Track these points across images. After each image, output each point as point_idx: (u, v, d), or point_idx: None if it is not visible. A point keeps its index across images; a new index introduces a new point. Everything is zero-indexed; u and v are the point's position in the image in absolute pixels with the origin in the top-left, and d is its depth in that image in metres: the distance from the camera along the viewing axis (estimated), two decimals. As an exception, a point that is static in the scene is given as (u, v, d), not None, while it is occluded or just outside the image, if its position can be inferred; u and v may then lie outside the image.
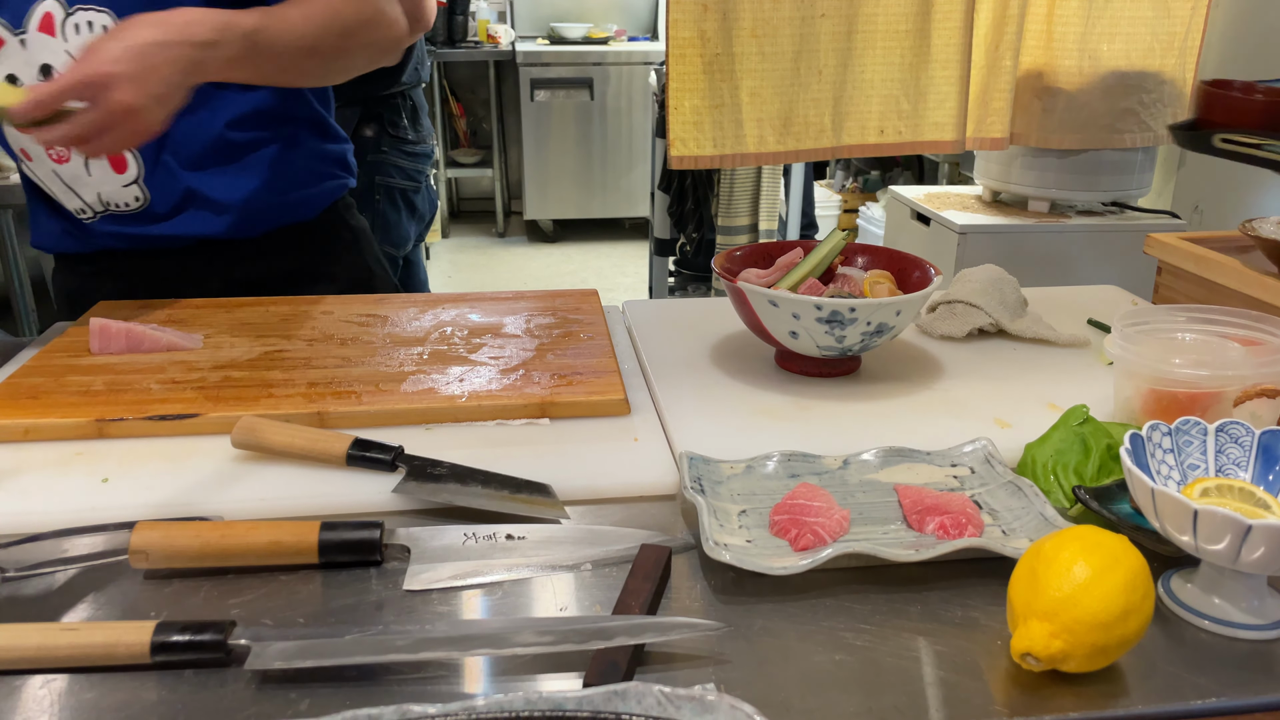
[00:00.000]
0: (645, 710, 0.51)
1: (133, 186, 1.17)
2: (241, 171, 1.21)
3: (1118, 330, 0.90)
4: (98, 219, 1.18)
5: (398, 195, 2.53)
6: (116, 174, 1.16)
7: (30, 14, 1.08)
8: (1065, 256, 2.54)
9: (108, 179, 1.16)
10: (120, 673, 0.60)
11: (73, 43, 1.09)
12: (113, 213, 1.18)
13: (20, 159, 1.17)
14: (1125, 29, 2.46)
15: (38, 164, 1.16)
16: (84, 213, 1.18)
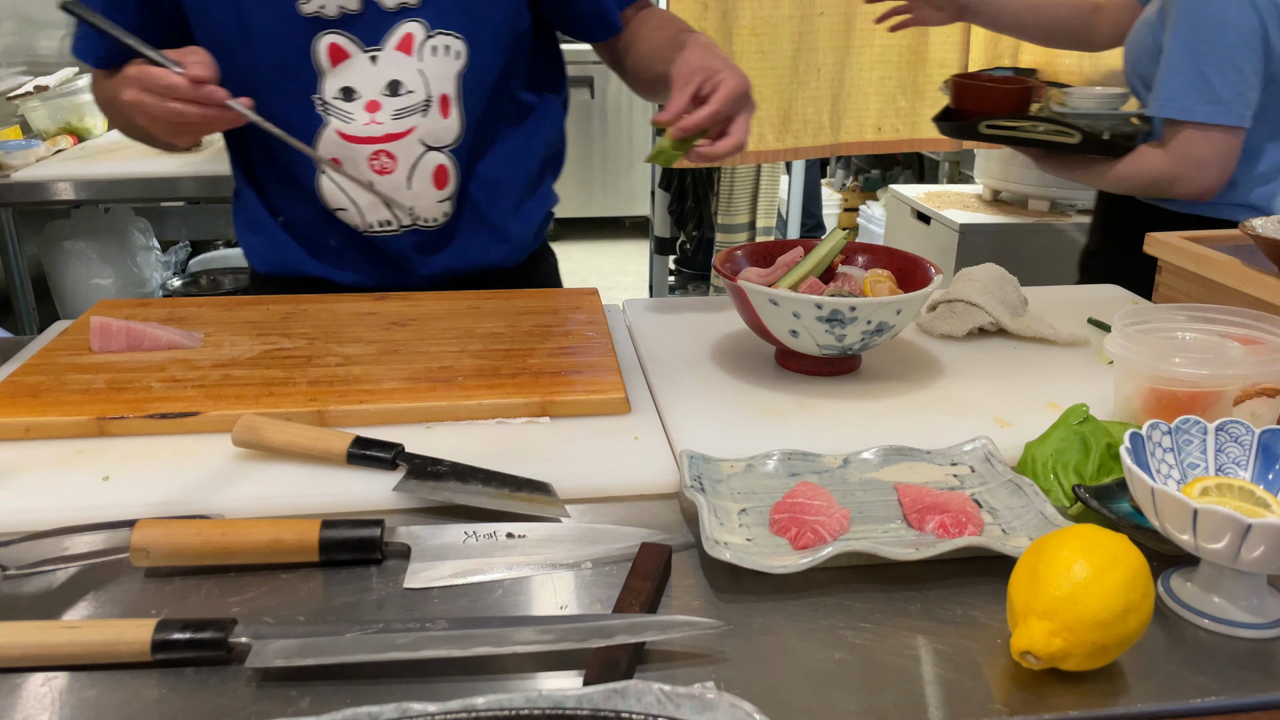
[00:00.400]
0: (645, 708, 0.51)
1: (445, 203, 1.21)
2: (532, 202, 1.30)
3: (1118, 329, 0.90)
4: (397, 233, 1.21)
5: None
6: (437, 189, 1.19)
7: (390, 33, 1.12)
8: (1065, 255, 2.54)
9: (427, 193, 1.19)
10: (121, 671, 0.60)
11: (428, 63, 1.14)
12: (419, 228, 1.21)
13: (328, 167, 1.17)
14: (1126, 28, 2.46)
15: (349, 171, 1.16)
16: (386, 225, 1.20)
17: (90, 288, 2.80)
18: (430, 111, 1.15)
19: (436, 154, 1.18)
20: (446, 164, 1.19)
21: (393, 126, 1.15)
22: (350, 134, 1.14)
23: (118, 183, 2.38)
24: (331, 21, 1.11)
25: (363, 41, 1.12)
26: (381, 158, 1.16)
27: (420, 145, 1.16)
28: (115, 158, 2.44)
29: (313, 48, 1.11)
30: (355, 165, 1.16)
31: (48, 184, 2.36)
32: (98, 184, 2.38)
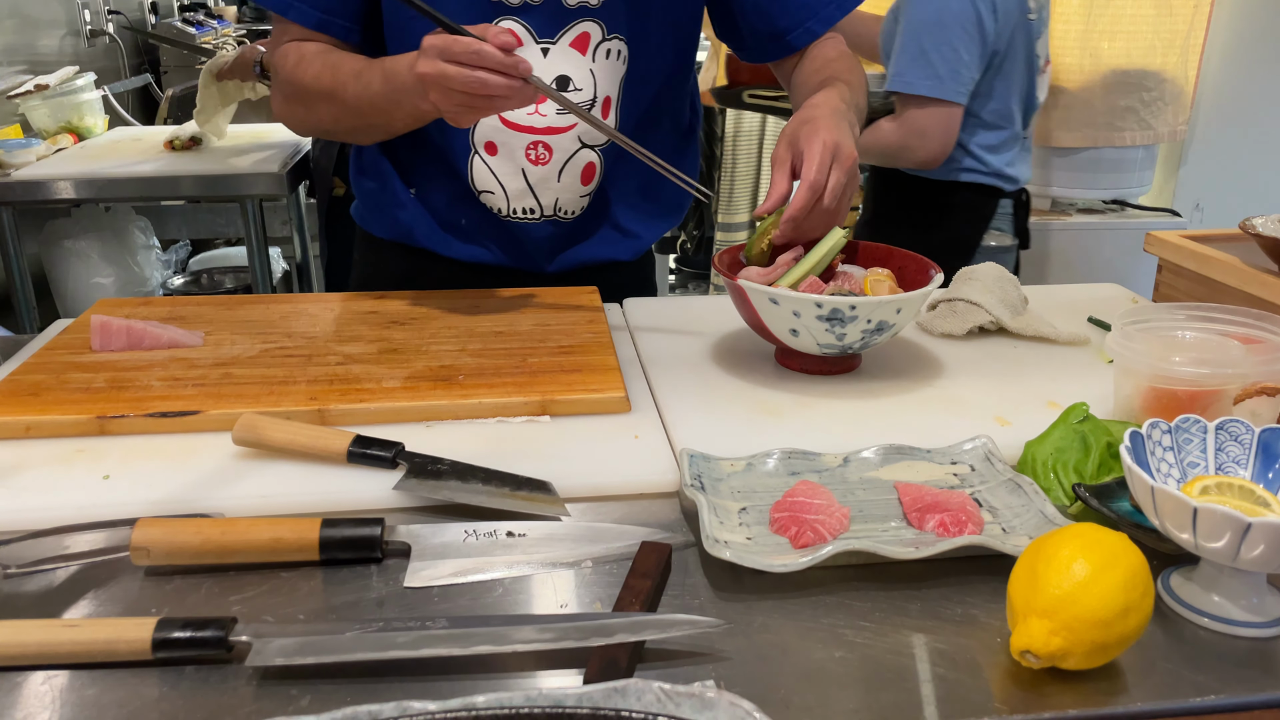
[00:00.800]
0: (645, 707, 0.51)
1: (586, 198, 1.23)
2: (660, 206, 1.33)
3: (1118, 328, 0.90)
4: (536, 221, 1.22)
5: None
6: (582, 184, 1.22)
7: (567, 29, 1.13)
8: (1066, 254, 2.54)
9: (573, 187, 1.21)
10: (121, 669, 0.60)
11: (599, 64, 1.16)
12: (557, 218, 1.23)
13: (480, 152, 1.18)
14: (1127, 27, 2.46)
15: (501, 160, 1.18)
16: (530, 213, 1.22)
17: (90, 286, 2.80)
18: (593, 110, 1.17)
19: (589, 151, 1.20)
20: (595, 161, 1.21)
21: (555, 121, 1.16)
22: (512, 121, 1.16)
23: (118, 181, 2.38)
24: (512, 8, 1.11)
25: (537, 33, 1.13)
26: (539, 148, 1.17)
27: (577, 141, 1.19)
28: (115, 157, 2.44)
29: None
30: (511, 152, 1.18)
31: (48, 183, 2.37)
32: (98, 183, 2.38)
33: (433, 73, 0.94)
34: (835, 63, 1.23)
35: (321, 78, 1.11)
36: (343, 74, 1.08)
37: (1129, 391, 0.89)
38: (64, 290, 2.83)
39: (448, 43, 0.93)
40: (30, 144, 2.48)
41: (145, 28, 3.99)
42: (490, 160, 1.18)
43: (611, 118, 1.19)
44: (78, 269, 2.81)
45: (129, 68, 3.76)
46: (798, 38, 1.25)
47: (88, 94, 2.82)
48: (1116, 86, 2.45)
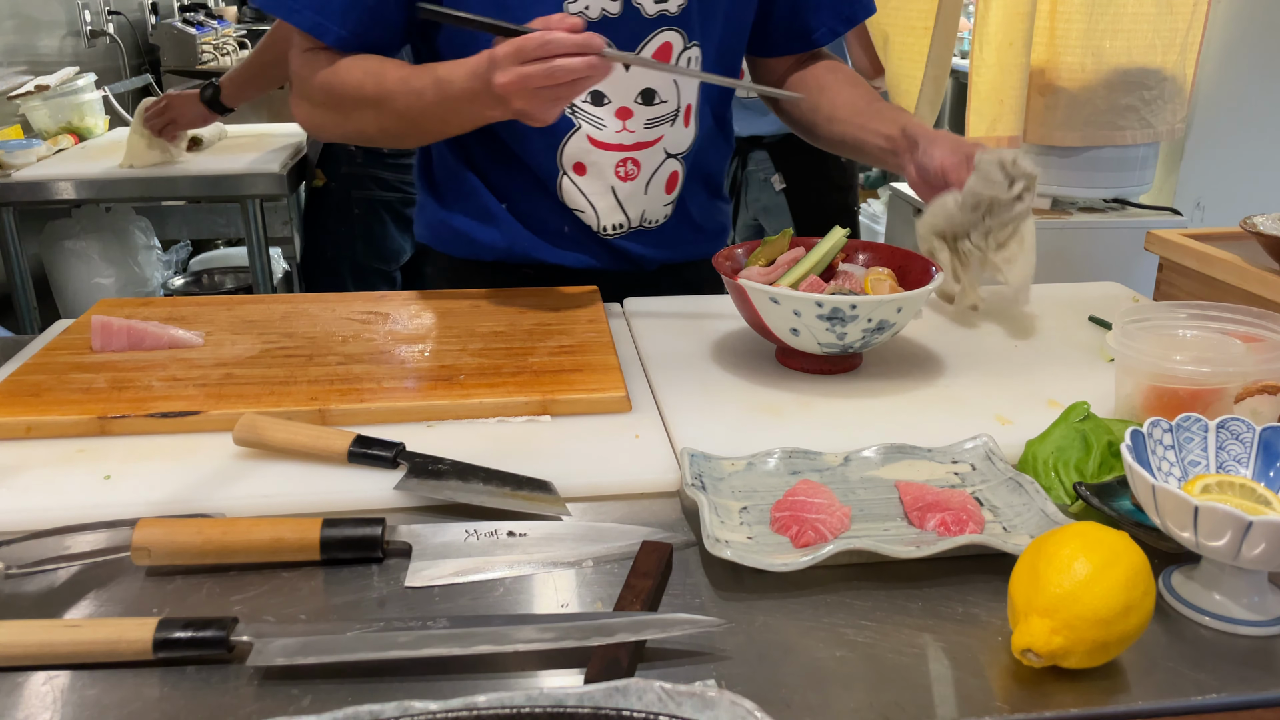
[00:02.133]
0: (646, 706, 0.51)
1: (669, 206, 1.24)
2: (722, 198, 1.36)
3: (1119, 327, 0.90)
4: (625, 234, 1.24)
5: (381, 209, 2.39)
6: (666, 193, 1.23)
7: (648, 40, 1.13)
8: (1067, 253, 2.54)
9: (658, 197, 1.23)
10: (123, 669, 0.60)
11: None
12: (643, 229, 1.24)
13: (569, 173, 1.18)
14: (1127, 26, 2.46)
15: (590, 180, 1.19)
16: (619, 228, 1.23)
17: (91, 287, 2.81)
18: (677, 121, 1.18)
19: (673, 161, 1.21)
20: (678, 170, 1.23)
21: (643, 135, 1.17)
22: (601, 140, 1.16)
23: (118, 182, 2.38)
24: (592, 24, 1.09)
25: (617, 46, 1.09)
26: (628, 165, 1.18)
27: (663, 153, 1.20)
28: (116, 157, 2.44)
29: None
30: (600, 171, 1.18)
31: (49, 183, 2.37)
32: (98, 183, 2.38)
33: (513, 80, 0.93)
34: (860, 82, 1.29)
35: (364, 86, 1.09)
36: (389, 83, 1.07)
37: (1130, 390, 0.89)
38: (65, 291, 2.83)
39: (518, 46, 0.92)
40: (31, 144, 2.48)
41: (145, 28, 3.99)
42: (579, 180, 1.19)
43: (692, 125, 1.21)
44: (78, 269, 2.81)
45: (129, 68, 3.76)
46: (821, 36, 1.28)
47: (88, 94, 2.82)
48: (1117, 85, 2.45)
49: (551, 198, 1.21)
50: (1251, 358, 0.85)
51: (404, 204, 2.42)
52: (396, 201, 2.41)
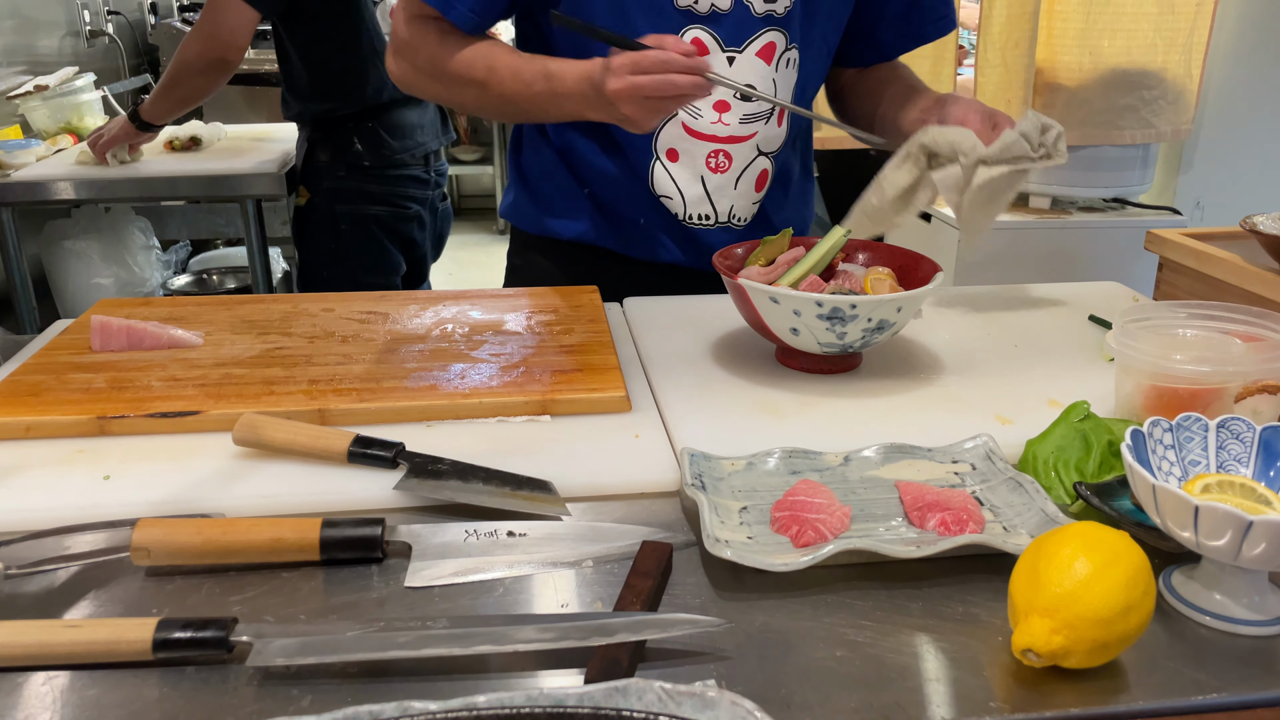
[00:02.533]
0: (646, 707, 0.51)
1: (757, 204, 1.26)
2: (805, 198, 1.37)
3: (1119, 326, 0.90)
4: (711, 228, 1.25)
5: (371, 223, 2.32)
6: (756, 191, 1.24)
7: (754, 38, 1.15)
8: (1067, 253, 2.54)
9: (748, 194, 1.24)
10: (122, 670, 0.60)
11: (780, 74, 1.18)
12: (729, 226, 1.26)
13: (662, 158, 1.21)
14: (1127, 25, 2.45)
15: (681, 167, 1.21)
16: (705, 219, 1.24)
17: (91, 287, 2.81)
18: (771, 119, 1.20)
19: (764, 159, 1.23)
20: (768, 168, 1.24)
21: (738, 130, 1.19)
22: (695, 129, 1.18)
23: (117, 182, 2.38)
24: (700, 17, 1.13)
25: (724, 41, 1.14)
26: (719, 156, 1.20)
27: (755, 150, 1.21)
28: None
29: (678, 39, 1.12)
30: (692, 159, 1.20)
31: (48, 183, 2.37)
32: (98, 183, 2.38)
33: (625, 87, 1.00)
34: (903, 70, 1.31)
35: (474, 66, 1.14)
36: (499, 68, 1.12)
37: (1130, 390, 0.89)
38: (64, 291, 2.83)
39: (635, 59, 1.00)
40: (30, 144, 2.48)
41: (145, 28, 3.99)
42: (671, 166, 1.21)
43: (784, 126, 1.23)
44: (78, 269, 2.81)
45: (128, 68, 3.76)
46: (894, 50, 1.32)
47: (87, 94, 2.82)
48: (1116, 84, 2.45)
49: (637, 185, 1.23)
50: (1251, 357, 0.85)
51: (396, 218, 2.35)
52: (387, 215, 2.34)
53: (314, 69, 2.26)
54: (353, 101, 2.25)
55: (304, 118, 2.31)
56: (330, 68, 2.25)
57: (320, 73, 2.25)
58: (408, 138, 2.35)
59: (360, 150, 2.27)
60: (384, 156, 2.30)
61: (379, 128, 2.29)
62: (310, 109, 2.28)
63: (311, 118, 2.29)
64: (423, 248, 2.50)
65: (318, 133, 2.28)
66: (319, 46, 2.23)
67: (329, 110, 2.26)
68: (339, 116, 2.25)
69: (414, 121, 2.37)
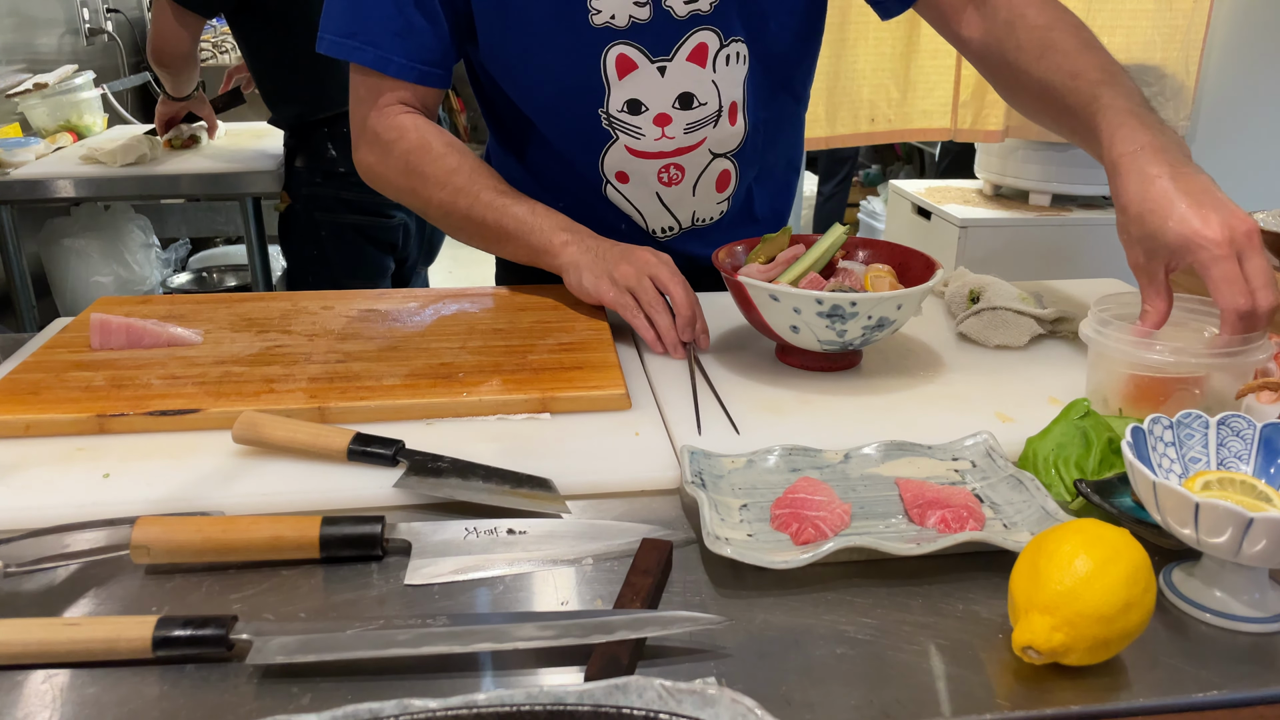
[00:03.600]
0: (646, 704, 0.51)
1: (723, 203, 1.23)
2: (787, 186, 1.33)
3: (1093, 314, 0.90)
4: (676, 236, 1.24)
5: (350, 232, 2.24)
6: (718, 192, 1.21)
7: (682, 43, 1.10)
8: (1067, 250, 2.54)
9: (709, 196, 1.21)
10: (122, 668, 0.60)
11: (720, 73, 1.12)
12: (695, 228, 1.24)
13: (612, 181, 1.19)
14: (1126, 22, 2.45)
15: (633, 187, 1.20)
16: (669, 230, 1.23)
17: (90, 285, 2.81)
18: (720, 121, 1.15)
19: (722, 160, 1.19)
20: (729, 167, 1.20)
21: (683, 140, 1.15)
22: (640, 150, 1.15)
23: (117, 180, 2.38)
24: (620, 32, 1.08)
25: (650, 52, 1.10)
26: (670, 170, 1.17)
27: (708, 154, 1.18)
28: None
29: (602, 60, 1.09)
30: (643, 178, 1.18)
31: (47, 181, 2.36)
32: (97, 181, 2.37)
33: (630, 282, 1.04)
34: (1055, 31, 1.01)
35: (449, 182, 1.13)
36: (475, 191, 1.12)
37: (1101, 378, 0.90)
38: (63, 289, 2.83)
39: (648, 289, 1.03)
40: (29, 143, 2.48)
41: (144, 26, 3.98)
42: (623, 188, 1.19)
43: (740, 122, 1.18)
44: (77, 268, 2.81)
45: (127, 66, 3.76)
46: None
47: (86, 92, 2.82)
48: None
49: (600, 203, 1.22)
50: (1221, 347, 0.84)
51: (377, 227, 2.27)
52: (367, 225, 2.26)
53: (268, 71, 2.20)
54: (317, 105, 2.17)
55: (278, 122, 2.27)
56: (284, 70, 2.17)
57: (274, 75, 2.20)
58: None
59: (335, 156, 2.19)
60: None
61: None
62: (280, 113, 2.23)
63: (286, 122, 2.24)
64: (410, 256, 2.43)
65: (294, 138, 2.23)
66: (269, 48, 2.17)
67: (297, 114, 2.19)
68: (312, 121, 2.18)
69: None
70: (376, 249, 2.32)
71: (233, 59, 3.97)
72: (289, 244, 2.33)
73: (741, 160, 1.21)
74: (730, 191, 1.22)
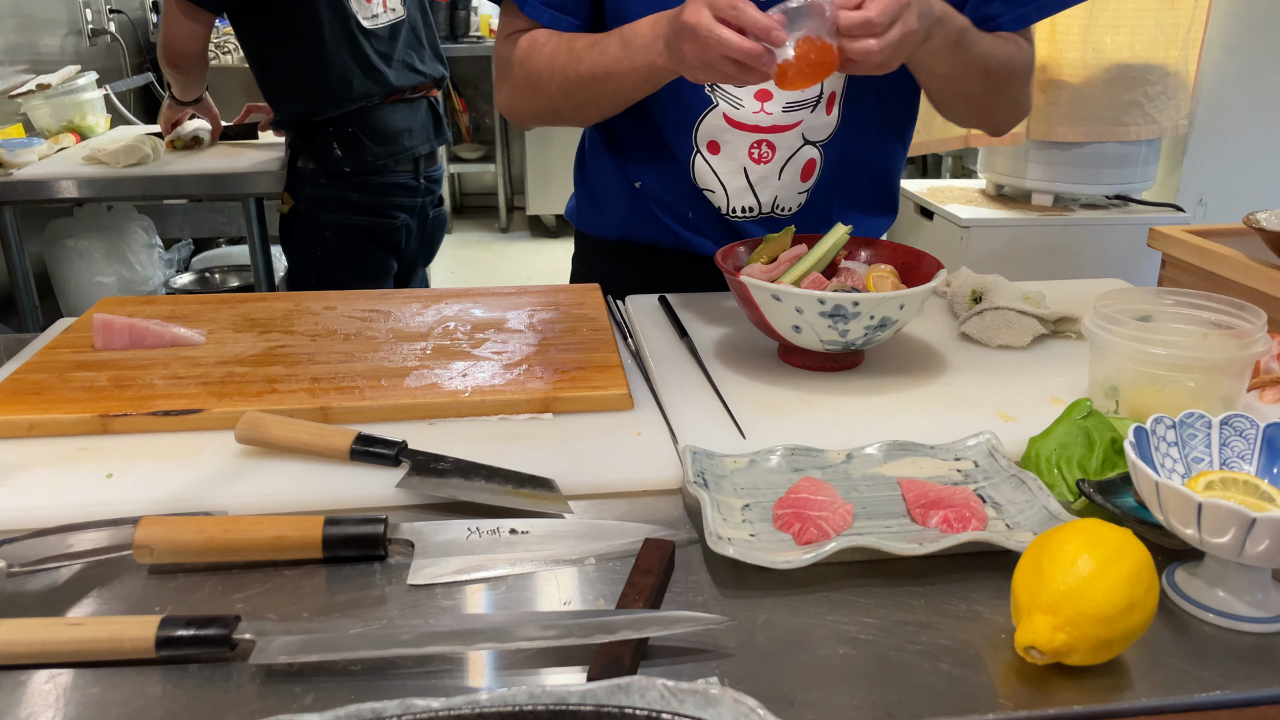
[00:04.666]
0: (649, 704, 0.51)
1: (804, 194, 1.22)
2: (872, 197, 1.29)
3: (1095, 309, 0.90)
4: (755, 218, 1.23)
5: (354, 233, 2.25)
6: (802, 181, 1.21)
7: None
8: (1069, 250, 2.54)
9: (792, 184, 1.21)
10: (125, 667, 0.60)
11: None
12: (774, 215, 1.23)
13: (703, 151, 1.19)
14: (1129, 21, 2.45)
15: (722, 159, 1.18)
16: (749, 211, 1.23)
17: (93, 285, 2.81)
18: (818, 108, 1.17)
19: (811, 148, 1.20)
20: (816, 158, 1.21)
21: (781, 119, 1.16)
22: (737, 120, 1.16)
23: (120, 181, 2.38)
24: None
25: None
26: (762, 147, 1.17)
27: (801, 139, 1.18)
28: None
29: None
30: (734, 151, 1.18)
31: (50, 182, 2.37)
32: (100, 182, 2.38)
33: (692, 21, 0.94)
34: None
35: (557, 55, 1.13)
36: (578, 47, 1.11)
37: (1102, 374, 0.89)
38: (66, 289, 2.83)
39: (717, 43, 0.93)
40: (32, 143, 2.48)
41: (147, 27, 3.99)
42: (712, 159, 1.20)
43: (835, 113, 1.19)
44: (80, 268, 2.81)
45: (130, 66, 3.76)
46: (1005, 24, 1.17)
47: (89, 93, 2.82)
48: (1119, 80, 2.45)
49: (684, 179, 1.22)
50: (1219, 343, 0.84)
51: (381, 229, 2.27)
52: (371, 225, 2.26)
53: (268, 70, 2.20)
54: (321, 104, 2.16)
55: (281, 123, 2.26)
56: (286, 68, 2.17)
57: (276, 74, 2.19)
58: (392, 142, 2.25)
59: (340, 156, 2.18)
60: (366, 163, 2.20)
61: (359, 132, 2.19)
62: (284, 113, 2.22)
63: (289, 122, 2.22)
64: (409, 257, 2.42)
65: (298, 138, 2.22)
66: (270, 47, 2.17)
67: (301, 114, 2.18)
68: (317, 121, 2.17)
69: (399, 125, 2.26)
70: (380, 249, 2.31)
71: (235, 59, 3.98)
72: (291, 245, 2.33)
73: (828, 152, 1.21)
74: (812, 183, 1.23)
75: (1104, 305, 0.90)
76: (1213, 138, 2.65)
